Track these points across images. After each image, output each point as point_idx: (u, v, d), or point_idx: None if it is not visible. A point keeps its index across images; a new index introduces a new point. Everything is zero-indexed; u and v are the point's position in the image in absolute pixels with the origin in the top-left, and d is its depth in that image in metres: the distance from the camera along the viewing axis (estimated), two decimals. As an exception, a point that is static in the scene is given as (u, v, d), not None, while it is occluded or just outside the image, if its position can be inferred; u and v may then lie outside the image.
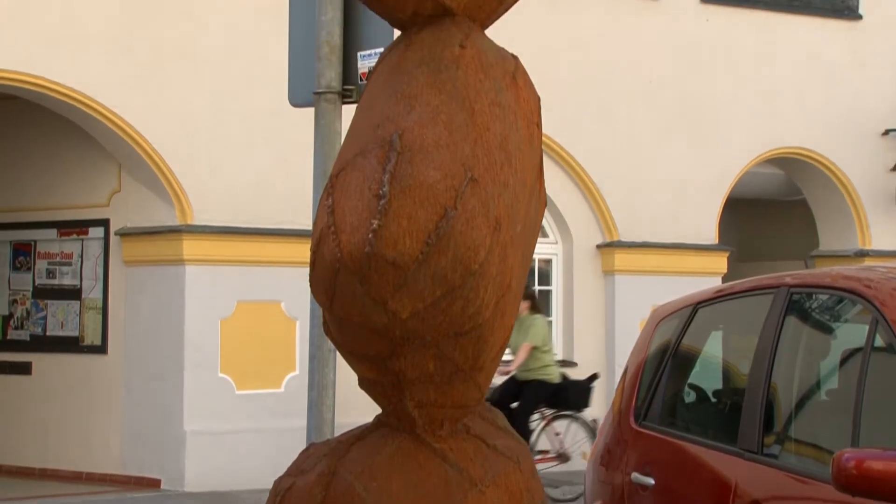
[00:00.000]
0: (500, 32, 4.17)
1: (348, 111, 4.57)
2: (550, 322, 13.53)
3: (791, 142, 15.17)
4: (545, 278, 14.16)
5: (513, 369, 11.62)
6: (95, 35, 11.55)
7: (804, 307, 4.59)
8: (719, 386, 5.29)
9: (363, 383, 3.00)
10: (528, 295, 11.61)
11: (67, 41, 11.45)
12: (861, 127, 15.43)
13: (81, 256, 12.81)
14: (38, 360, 13.05)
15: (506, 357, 9.86)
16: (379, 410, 3.04)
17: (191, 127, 11.97)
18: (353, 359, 2.97)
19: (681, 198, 14.44)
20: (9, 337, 13.35)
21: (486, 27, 3.08)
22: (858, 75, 15.39)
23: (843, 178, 15.49)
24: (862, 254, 15.54)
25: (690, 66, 14.46)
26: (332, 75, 6.00)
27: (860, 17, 15.52)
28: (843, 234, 15.74)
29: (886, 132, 15.57)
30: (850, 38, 15.43)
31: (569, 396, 11.88)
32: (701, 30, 14.57)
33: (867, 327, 4.11)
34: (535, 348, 11.66)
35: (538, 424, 11.98)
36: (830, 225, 15.87)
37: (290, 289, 11.91)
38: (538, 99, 3.07)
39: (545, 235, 13.94)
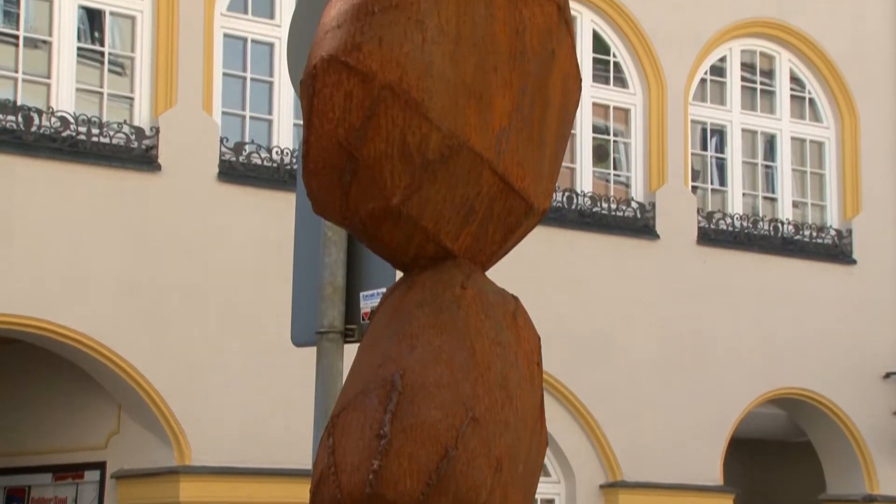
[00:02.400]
0: (500, 269, 4.21)
1: (350, 351, 4.59)
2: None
3: (792, 383, 15.16)
4: (548, 520, 13.96)
5: None
6: (99, 278, 11.67)
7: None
8: None
9: None
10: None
11: (71, 285, 11.57)
12: (862, 369, 15.44)
13: (76, 501, 12.64)
14: None
15: None
16: None
17: (192, 367, 11.99)
18: None
19: (684, 437, 14.35)
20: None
21: (487, 269, 3.12)
22: (857, 318, 15.48)
23: (847, 421, 15.42)
24: (870, 499, 15.36)
25: (689, 306, 14.55)
26: (334, 315, 6.04)
27: (854, 261, 15.70)
28: (850, 478, 15.58)
29: (888, 375, 15.57)
30: (846, 281, 15.58)
31: None
32: (699, 270, 14.73)
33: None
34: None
35: None
36: (837, 468, 15.73)
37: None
38: (538, 338, 3.09)
39: (547, 474, 13.80)
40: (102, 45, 12.23)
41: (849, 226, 15.78)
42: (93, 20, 12.28)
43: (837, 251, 15.67)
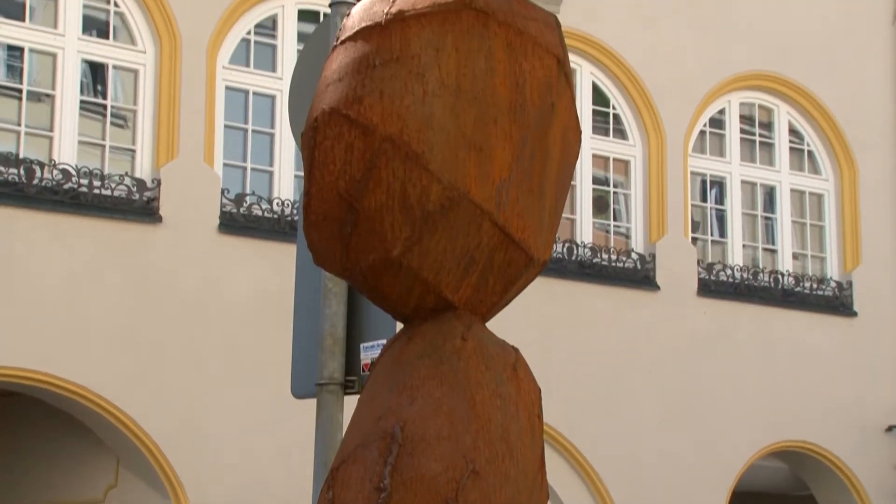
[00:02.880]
0: (501, 320, 4.21)
1: (350, 402, 4.58)
2: None
3: (794, 435, 15.12)
4: (549, 574, 13.89)
5: None
6: (99, 330, 11.66)
7: None
8: None
9: None
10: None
11: (71, 337, 11.56)
12: (864, 422, 15.40)
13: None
14: None
15: None
16: None
17: (191, 419, 11.95)
18: None
19: (686, 489, 14.29)
20: None
21: (487, 320, 3.12)
22: (858, 370, 15.46)
23: (849, 474, 15.36)
24: (872, 550, 15.30)
25: (691, 357, 14.54)
26: (334, 366, 6.03)
27: (855, 314, 15.69)
28: (855, 532, 15.52)
29: (890, 428, 15.53)
30: (847, 333, 15.57)
31: None
32: (699, 322, 14.72)
33: None
34: None
35: None
36: (840, 521, 15.67)
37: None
38: (539, 390, 3.09)
39: (548, 530, 13.74)
40: (105, 97, 12.29)
41: (849, 278, 15.79)
42: (95, 73, 12.34)
43: (838, 303, 15.67)
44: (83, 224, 11.80)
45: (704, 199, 15.39)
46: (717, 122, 15.54)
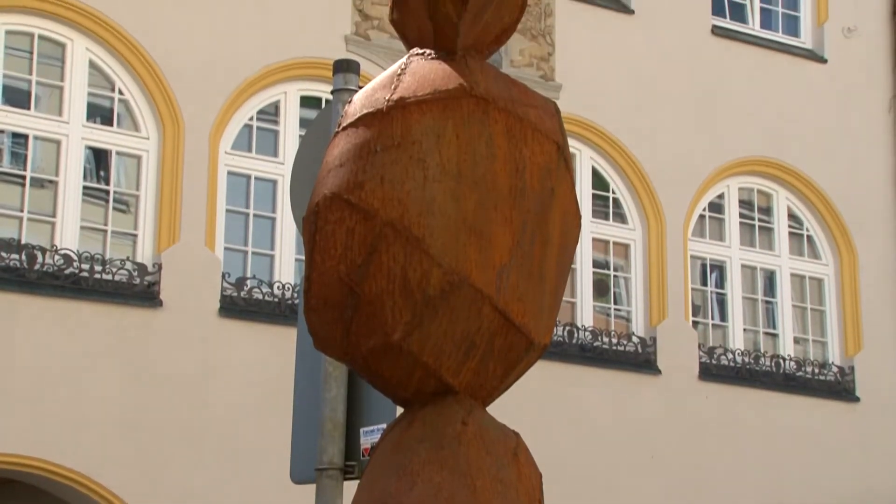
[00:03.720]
0: (502, 404, 4.21)
1: (350, 488, 4.56)
2: None
3: (798, 521, 15.01)
4: None
5: None
6: (98, 416, 11.61)
7: None
8: None
9: None
10: None
11: (70, 423, 11.51)
12: (867, 506, 15.30)
13: None
14: None
15: None
16: None
17: (191, 505, 11.88)
18: None
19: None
20: None
21: (488, 404, 3.12)
22: (861, 456, 15.37)
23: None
24: None
25: (692, 441, 14.47)
26: (334, 451, 6.01)
27: (857, 399, 15.63)
28: None
29: (893, 511, 15.43)
30: (849, 419, 15.50)
31: None
32: (701, 406, 14.66)
33: None
34: None
35: None
36: None
37: None
38: (540, 475, 3.08)
39: None
40: (108, 183, 12.35)
41: (851, 363, 15.76)
42: (99, 159, 12.41)
43: (840, 388, 15.63)
44: (84, 309, 11.80)
45: (705, 283, 15.40)
46: (716, 207, 15.59)
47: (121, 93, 12.48)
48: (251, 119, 13.05)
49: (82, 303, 11.78)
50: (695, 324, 15.04)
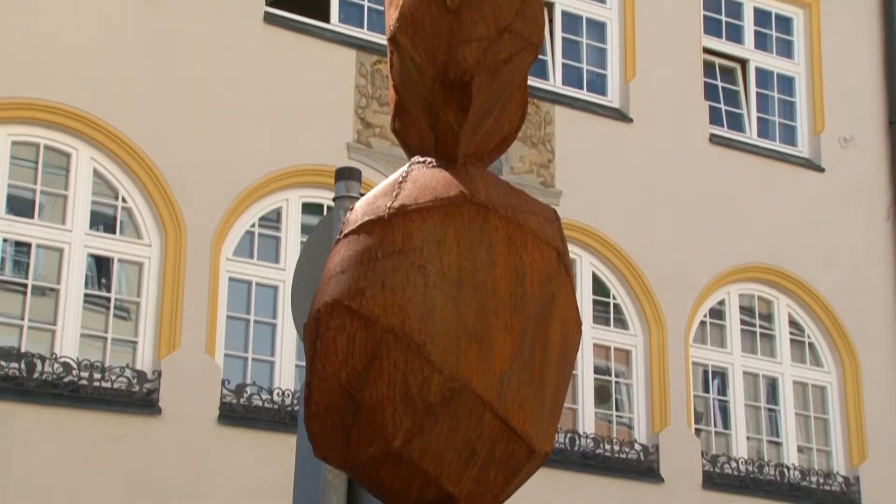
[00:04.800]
0: None
1: None
2: None
3: None
4: None
5: None
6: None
7: None
8: None
9: None
10: None
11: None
12: None
13: None
14: None
15: None
16: None
17: None
18: None
19: None
20: None
21: None
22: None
23: None
24: None
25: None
26: (334, 561, 5.94)
27: None
28: None
29: None
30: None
31: None
32: (705, 516, 14.54)
33: None
34: None
35: None
36: None
37: None
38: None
39: None
40: (109, 290, 12.37)
41: (856, 473, 15.64)
42: (100, 267, 12.44)
43: (846, 499, 15.48)
44: (82, 417, 11.74)
45: (707, 390, 15.34)
46: (717, 313, 15.59)
47: (124, 200, 12.55)
48: (253, 225, 13.11)
49: (80, 411, 11.73)
50: (697, 431, 14.96)
